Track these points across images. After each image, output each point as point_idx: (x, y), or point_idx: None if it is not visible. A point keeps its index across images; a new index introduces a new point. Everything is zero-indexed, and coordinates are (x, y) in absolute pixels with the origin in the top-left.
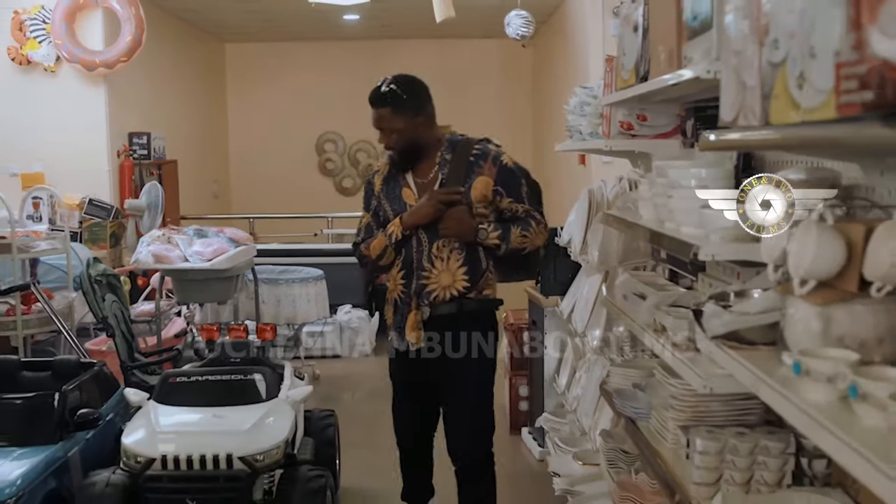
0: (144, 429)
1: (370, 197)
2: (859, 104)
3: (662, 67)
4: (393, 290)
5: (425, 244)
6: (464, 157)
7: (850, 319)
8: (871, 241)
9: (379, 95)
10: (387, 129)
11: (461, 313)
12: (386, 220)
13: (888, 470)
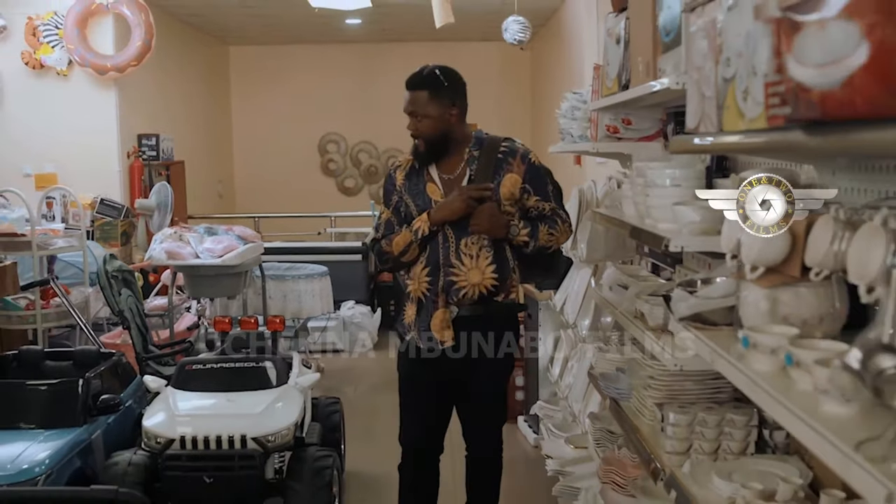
0: (164, 412)
1: (391, 192)
2: (782, 117)
3: (641, 77)
4: (416, 289)
5: (452, 240)
6: (492, 153)
7: (794, 300)
8: (811, 233)
9: (419, 78)
10: (420, 114)
11: (488, 314)
12: (408, 216)
13: (813, 423)
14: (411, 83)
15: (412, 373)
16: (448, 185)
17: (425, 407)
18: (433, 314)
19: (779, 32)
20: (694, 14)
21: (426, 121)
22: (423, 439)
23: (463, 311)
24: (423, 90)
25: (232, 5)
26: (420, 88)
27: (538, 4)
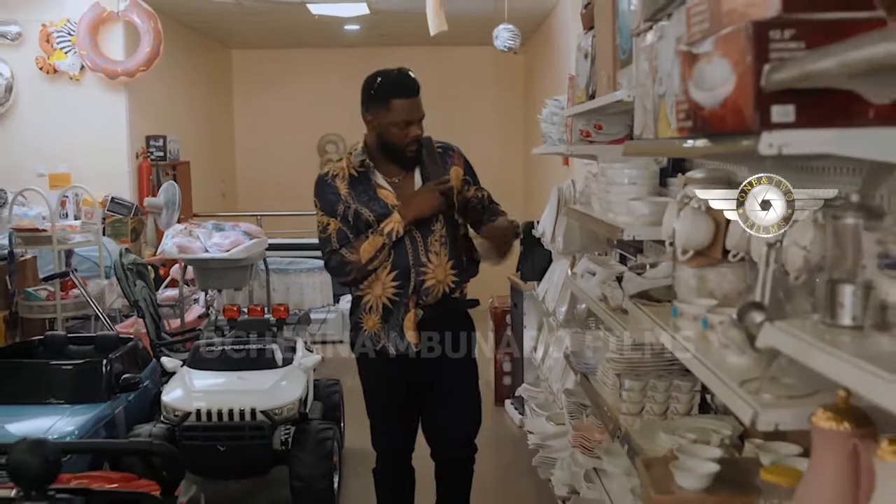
0: (181, 388)
1: (335, 202)
2: (686, 129)
3: (604, 89)
4: (380, 295)
5: (420, 240)
6: (433, 151)
7: (717, 278)
8: (731, 222)
9: (416, 82)
10: (419, 119)
11: (450, 311)
12: (361, 225)
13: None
14: (416, 88)
15: (383, 379)
16: (398, 187)
17: (397, 410)
18: (404, 317)
19: (684, 63)
20: (639, 38)
21: (420, 123)
22: (401, 440)
23: (428, 313)
24: (419, 93)
25: (236, 12)
26: (419, 93)
27: (529, 12)
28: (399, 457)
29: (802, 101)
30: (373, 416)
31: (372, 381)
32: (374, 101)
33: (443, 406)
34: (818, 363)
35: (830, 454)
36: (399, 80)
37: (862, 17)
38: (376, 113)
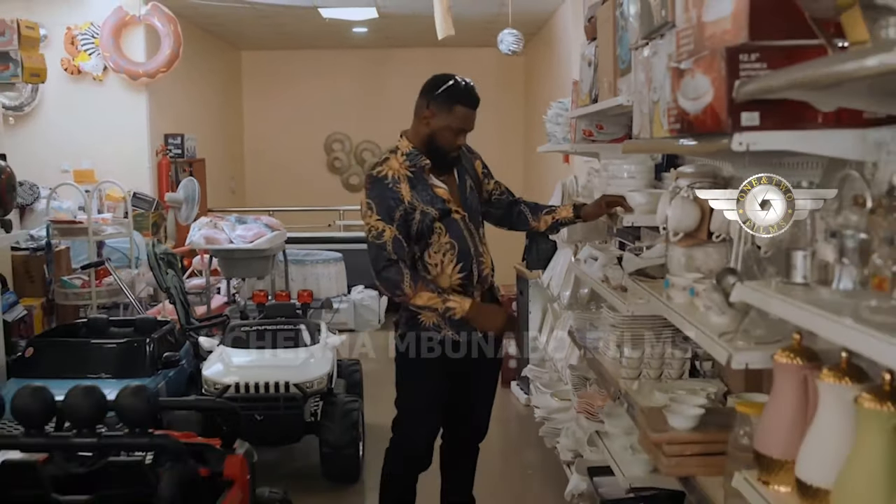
0: (220, 364)
1: (394, 207)
2: (675, 130)
3: (606, 94)
4: (446, 286)
5: (475, 231)
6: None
7: (703, 256)
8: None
9: (479, 99)
10: (470, 130)
11: (493, 297)
12: (424, 225)
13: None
14: (478, 103)
15: (437, 372)
16: (447, 185)
17: (440, 405)
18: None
19: (673, 76)
20: (637, 52)
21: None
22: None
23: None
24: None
25: (250, 15)
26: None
27: (530, 16)
28: (430, 448)
29: (766, 109)
30: (415, 410)
31: (424, 373)
32: (440, 101)
33: (476, 391)
34: (776, 309)
35: (787, 383)
36: (467, 89)
37: (810, 44)
38: (437, 112)
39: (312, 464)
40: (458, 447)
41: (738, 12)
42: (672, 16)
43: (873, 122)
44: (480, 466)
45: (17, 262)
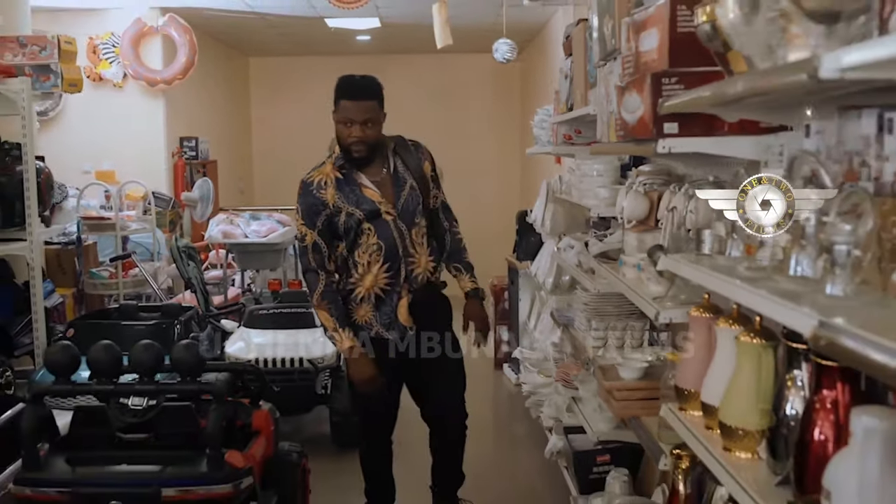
0: (242, 342)
1: (318, 212)
2: (620, 136)
3: (579, 104)
4: (371, 286)
5: (406, 233)
6: (406, 147)
7: (651, 239)
8: (661, 201)
9: (370, 88)
10: (371, 121)
11: (431, 294)
12: (355, 223)
13: (639, 292)
14: (364, 93)
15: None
16: (380, 185)
17: (389, 398)
18: (398, 304)
19: (618, 94)
20: (599, 69)
21: (375, 127)
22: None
23: (416, 296)
24: (373, 99)
25: (259, 25)
26: (372, 98)
27: (525, 25)
28: (388, 435)
29: (682, 120)
30: (363, 401)
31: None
32: (334, 101)
33: (433, 378)
34: (686, 273)
35: (698, 332)
36: (346, 82)
37: (715, 70)
38: (334, 112)
39: (323, 431)
40: (432, 429)
41: (662, 45)
42: (619, 44)
43: (766, 130)
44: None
45: (51, 256)
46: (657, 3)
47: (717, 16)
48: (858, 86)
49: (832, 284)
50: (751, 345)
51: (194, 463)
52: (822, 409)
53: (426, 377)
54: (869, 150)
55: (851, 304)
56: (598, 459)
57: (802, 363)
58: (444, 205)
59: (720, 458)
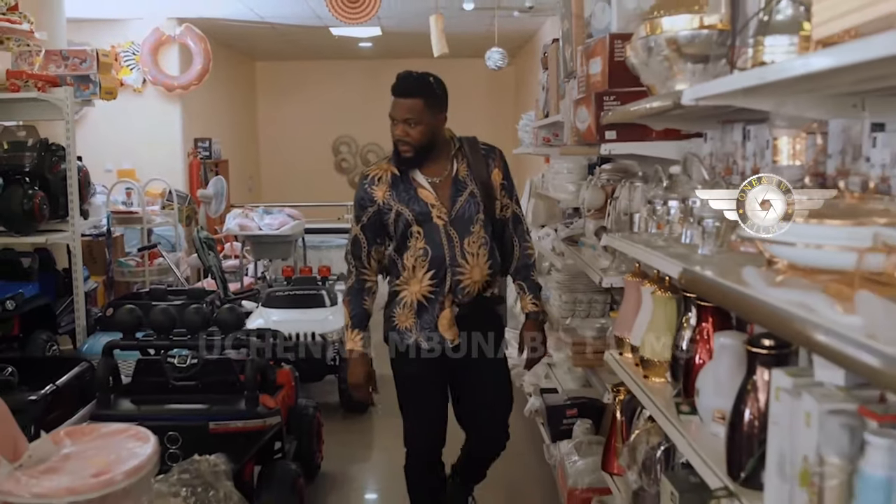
0: (261, 319)
1: (365, 207)
2: (576, 141)
3: (553, 111)
4: (416, 292)
5: (456, 240)
6: (477, 150)
7: None
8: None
9: (414, 86)
10: (413, 120)
11: (481, 309)
12: (404, 224)
13: (592, 266)
14: (407, 90)
15: (418, 375)
16: (438, 187)
17: (434, 410)
18: (439, 315)
19: (574, 106)
20: (566, 83)
21: (419, 127)
22: (434, 443)
23: (463, 310)
24: (418, 98)
25: (268, 32)
26: (416, 96)
27: (517, 33)
28: (431, 458)
29: (620, 129)
30: (406, 415)
31: (406, 376)
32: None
33: (476, 398)
34: (619, 246)
35: (630, 292)
36: (400, 78)
37: (643, 90)
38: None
39: (332, 400)
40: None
41: (604, 70)
42: (575, 67)
43: (685, 136)
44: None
45: (83, 246)
46: (600, 37)
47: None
48: (725, 106)
49: (702, 247)
50: (661, 297)
51: (234, 403)
52: (700, 338)
53: (469, 396)
54: (737, 152)
55: (711, 259)
56: (568, 413)
57: (692, 308)
58: (516, 217)
59: (641, 385)
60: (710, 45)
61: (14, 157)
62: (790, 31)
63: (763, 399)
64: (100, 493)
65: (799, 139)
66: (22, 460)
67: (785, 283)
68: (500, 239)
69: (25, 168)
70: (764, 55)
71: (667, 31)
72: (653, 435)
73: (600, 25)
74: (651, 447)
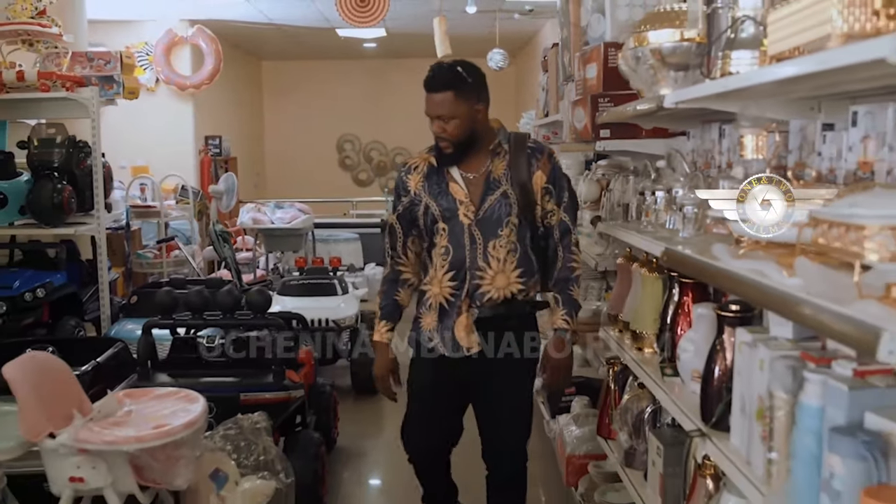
0: (279, 306)
1: (400, 196)
2: (573, 138)
3: (553, 111)
4: (437, 294)
5: (480, 242)
6: (522, 148)
7: None
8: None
9: (443, 78)
10: (447, 116)
11: (510, 315)
12: (428, 218)
13: (590, 253)
14: (435, 84)
15: (429, 380)
16: (471, 183)
17: (436, 418)
18: (456, 320)
19: (572, 107)
20: (564, 86)
21: (454, 122)
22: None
23: (484, 313)
24: (448, 91)
25: (275, 33)
26: (446, 89)
27: (518, 34)
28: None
29: (613, 128)
30: (409, 412)
31: (420, 379)
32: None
33: (489, 412)
34: (612, 232)
35: (622, 274)
36: (431, 70)
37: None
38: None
39: (345, 382)
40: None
41: (599, 74)
42: (573, 71)
43: (671, 134)
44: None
45: None
46: (596, 45)
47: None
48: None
49: (683, 230)
50: (648, 277)
51: (262, 376)
52: (682, 311)
53: (485, 409)
54: (715, 148)
55: (690, 240)
56: (567, 392)
57: (676, 285)
58: (564, 226)
59: (632, 355)
60: (689, 55)
61: (44, 153)
62: (752, 46)
63: (730, 355)
64: (161, 441)
65: (761, 137)
66: (92, 414)
67: (746, 255)
68: (542, 248)
69: (54, 164)
70: (731, 66)
71: (652, 44)
72: (642, 399)
73: (596, 34)
74: (640, 410)
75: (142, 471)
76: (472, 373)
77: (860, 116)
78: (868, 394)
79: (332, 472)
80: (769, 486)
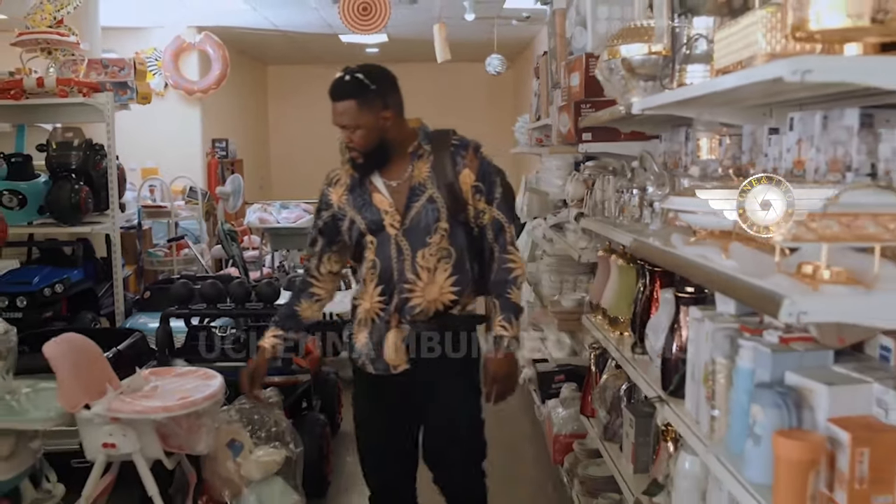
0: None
1: (322, 210)
2: (559, 141)
3: (544, 116)
4: (369, 309)
5: (408, 253)
6: (444, 147)
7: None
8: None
9: (343, 87)
10: (351, 125)
11: (443, 329)
12: (358, 234)
13: (574, 247)
14: (336, 93)
15: (367, 398)
16: (395, 191)
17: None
18: (385, 336)
19: (559, 112)
20: (553, 91)
21: (360, 131)
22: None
23: (418, 328)
24: (350, 99)
25: (280, 40)
26: (346, 98)
27: (515, 39)
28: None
29: (595, 131)
30: (359, 443)
31: (355, 399)
32: None
33: (437, 437)
34: (592, 227)
35: (602, 265)
36: (333, 81)
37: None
38: None
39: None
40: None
41: (581, 83)
42: (559, 79)
43: (648, 137)
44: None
45: None
46: (578, 55)
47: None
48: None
49: (652, 223)
50: (624, 267)
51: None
52: (651, 297)
53: (428, 429)
54: (681, 150)
55: (657, 232)
56: (556, 378)
57: (646, 273)
58: (497, 224)
59: (610, 339)
60: (656, 67)
61: (62, 155)
62: (704, 61)
63: (685, 332)
64: (186, 411)
65: (714, 140)
66: (121, 388)
67: (697, 243)
68: (478, 251)
69: (72, 166)
70: (686, 78)
71: (623, 56)
72: (619, 379)
73: (578, 45)
74: (616, 388)
75: (167, 438)
76: (410, 393)
77: (795, 122)
78: (789, 356)
79: (336, 455)
80: (711, 440)
